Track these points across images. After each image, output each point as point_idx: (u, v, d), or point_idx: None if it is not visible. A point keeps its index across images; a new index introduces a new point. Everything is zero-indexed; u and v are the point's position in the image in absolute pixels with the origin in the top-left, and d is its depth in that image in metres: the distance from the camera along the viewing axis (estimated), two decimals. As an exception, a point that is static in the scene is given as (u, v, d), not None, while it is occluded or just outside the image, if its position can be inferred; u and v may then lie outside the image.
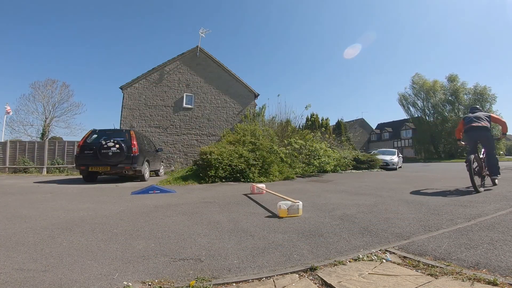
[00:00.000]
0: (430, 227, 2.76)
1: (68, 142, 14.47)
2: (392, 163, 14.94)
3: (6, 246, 2.30)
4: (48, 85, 25.51)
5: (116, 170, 7.93)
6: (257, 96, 15.27)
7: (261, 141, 9.58)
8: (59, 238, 2.55)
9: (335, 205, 4.15)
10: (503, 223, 2.83)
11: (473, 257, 1.94)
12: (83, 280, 1.68)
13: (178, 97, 14.39)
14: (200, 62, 14.83)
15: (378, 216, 3.35)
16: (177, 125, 14.29)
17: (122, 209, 3.99)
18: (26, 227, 2.92)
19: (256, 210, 3.86)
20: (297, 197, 4.11)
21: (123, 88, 14.03)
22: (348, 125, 36.57)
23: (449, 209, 3.63)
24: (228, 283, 1.66)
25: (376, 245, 2.30)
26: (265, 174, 8.47)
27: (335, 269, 1.82)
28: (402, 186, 6.37)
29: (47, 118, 25.17)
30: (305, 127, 15.24)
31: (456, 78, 37.44)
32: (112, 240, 2.49)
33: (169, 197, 5.15)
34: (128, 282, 1.64)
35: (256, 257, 2.07)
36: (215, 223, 3.10)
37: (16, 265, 1.89)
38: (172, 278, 1.73)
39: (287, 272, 1.80)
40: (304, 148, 10.68)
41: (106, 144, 7.72)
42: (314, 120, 20.97)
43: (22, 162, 13.48)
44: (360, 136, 43.61)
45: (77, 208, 4.02)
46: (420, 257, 1.99)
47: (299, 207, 3.45)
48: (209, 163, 8.02)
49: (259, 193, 5.41)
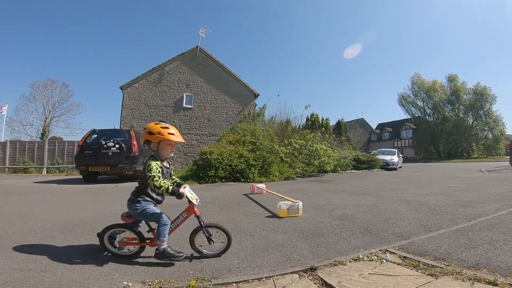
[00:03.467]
0: (430, 227, 2.76)
1: (68, 142, 14.47)
2: (392, 163, 14.94)
3: (6, 246, 2.30)
4: (48, 85, 25.47)
5: (116, 170, 7.93)
6: (257, 96, 15.27)
7: (261, 141, 9.57)
8: (59, 238, 2.55)
9: (335, 205, 4.15)
10: (503, 223, 2.83)
11: (473, 257, 1.94)
12: (83, 280, 1.67)
13: (178, 97, 14.39)
14: (200, 62, 14.83)
15: (378, 216, 3.35)
16: (177, 125, 14.28)
17: (122, 209, 3.98)
18: (26, 227, 2.92)
19: (256, 210, 3.86)
20: (297, 197, 4.12)
21: (123, 88, 14.03)
22: (348, 125, 36.59)
23: (449, 209, 3.62)
24: (228, 283, 1.66)
25: (376, 245, 2.30)
26: (265, 174, 8.46)
27: (335, 269, 1.82)
28: (402, 186, 6.37)
29: (47, 118, 25.14)
30: (305, 127, 15.23)
31: (456, 78, 37.42)
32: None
33: (169, 197, 5.14)
34: (128, 282, 1.64)
35: (256, 257, 2.07)
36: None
37: (16, 265, 1.89)
38: (172, 278, 1.73)
39: (287, 272, 1.80)
40: (304, 148, 10.67)
41: (106, 144, 7.71)
42: (314, 120, 21.00)
43: (22, 162, 13.47)
44: (360, 136, 43.61)
45: (77, 208, 4.02)
46: (420, 257, 1.99)
47: (299, 207, 3.45)
48: (209, 163, 8.02)
49: (259, 193, 5.41)
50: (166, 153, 2.13)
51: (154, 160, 2.03)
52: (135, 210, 2.02)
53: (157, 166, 2.02)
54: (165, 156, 2.16)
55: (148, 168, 1.97)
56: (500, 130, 35.16)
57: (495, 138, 35.32)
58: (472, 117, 36.86)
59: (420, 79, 39.58)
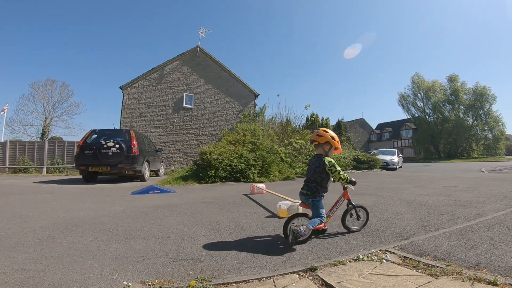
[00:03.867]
0: (430, 227, 2.76)
1: (68, 142, 14.46)
2: (392, 163, 14.94)
3: (6, 246, 2.30)
4: (47, 85, 25.47)
5: (116, 170, 7.93)
6: (257, 96, 15.26)
7: (261, 141, 9.57)
8: (59, 238, 2.55)
9: (335, 205, 4.15)
10: (503, 223, 2.83)
11: (473, 257, 1.94)
12: (83, 280, 1.67)
13: (178, 97, 14.39)
14: (200, 62, 14.82)
15: (378, 216, 3.35)
16: (177, 125, 14.28)
17: (122, 209, 3.99)
18: (26, 227, 2.92)
19: (256, 210, 3.86)
20: (297, 197, 4.10)
21: (123, 88, 14.03)
22: (348, 125, 36.61)
23: (449, 209, 3.63)
24: (228, 283, 1.66)
25: (376, 245, 2.30)
26: (265, 174, 8.46)
27: (335, 269, 1.82)
28: (402, 186, 6.37)
29: (47, 118, 25.13)
30: (305, 127, 15.21)
31: (456, 78, 37.41)
32: (112, 240, 2.49)
33: (169, 197, 5.14)
34: (128, 282, 1.64)
35: (256, 257, 2.07)
36: (215, 223, 3.10)
37: (16, 265, 1.89)
38: (172, 278, 1.73)
39: (287, 272, 1.80)
40: (304, 148, 10.67)
41: (106, 144, 7.71)
42: (314, 120, 21.00)
43: (22, 162, 13.47)
44: (360, 136, 43.59)
45: (77, 208, 4.02)
46: (420, 257, 1.99)
47: (299, 207, 3.44)
48: (209, 163, 8.02)
49: (259, 193, 5.41)
50: (331, 154, 2.62)
51: (328, 158, 2.49)
52: (313, 203, 2.45)
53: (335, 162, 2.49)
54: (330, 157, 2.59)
55: (329, 164, 2.44)
56: (500, 130, 35.19)
57: (495, 138, 35.34)
58: (472, 117, 36.87)
59: (420, 79, 39.59)
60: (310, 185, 2.50)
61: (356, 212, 2.71)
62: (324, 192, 2.52)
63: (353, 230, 2.69)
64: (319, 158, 2.51)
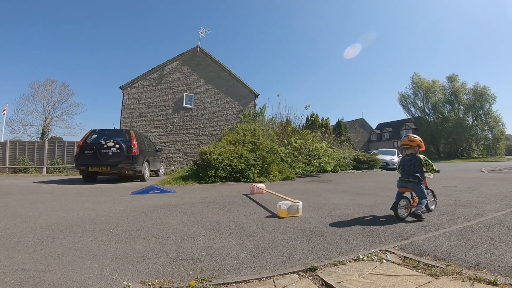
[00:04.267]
0: (430, 227, 2.76)
1: (68, 142, 14.45)
2: (392, 163, 14.94)
3: (6, 246, 2.30)
4: (47, 85, 25.41)
5: (116, 170, 7.92)
6: (257, 96, 15.26)
7: (261, 141, 9.57)
8: (59, 238, 2.55)
9: (335, 205, 4.15)
10: (503, 223, 2.83)
11: (473, 257, 1.94)
12: (83, 280, 1.67)
13: (178, 97, 14.38)
14: (200, 62, 14.82)
15: (378, 216, 3.35)
16: (177, 125, 14.28)
17: (122, 209, 3.99)
18: (26, 227, 2.92)
19: (256, 210, 3.86)
20: (297, 197, 4.11)
21: (123, 88, 14.02)
22: (348, 125, 36.53)
23: (449, 209, 3.63)
24: (228, 283, 1.66)
25: (376, 245, 2.30)
26: (265, 174, 8.46)
27: (335, 269, 1.82)
28: (402, 186, 6.36)
29: (46, 118, 25.09)
30: (305, 127, 15.20)
31: (456, 78, 37.40)
32: (112, 240, 2.49)
33: (169, 197, 5.14)
34: (128, 282, 1.64)
35: (256, 257, 2.07)
36: (215, 223, 3.10)
37: (16, 265, 1.89)
38: (172, 278, 1.73)
39: (287, 272, 1.80)
40: (304, 148, 10.66)
41: (106, 144, 7.71)
42: (314, 120, 20.96)
43: (22, 162, 13.46)
44: (360, 136, 43.53)
45: (77, 208, 4.02)
46: (420, 257, 1.99)
47: (299, 207, 3.44)
48: (209, 163, 8.01)
49: (259, 193, 5.41)
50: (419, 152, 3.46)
51: (421, 155, 3.34)
52: (421, 188, 3.18)
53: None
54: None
55: (424, 159, 3.31)
56: (500, 130, 35.18)
57: (495, 138, 35.33)
58: (472, 117, 36.85)
59: (420, 79, 39.59)
60: (415, 174, 3.21)
61: (433, 194, 3.55)
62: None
63: (431, 209, 3.44)
64: (413, 156, 3.33)
